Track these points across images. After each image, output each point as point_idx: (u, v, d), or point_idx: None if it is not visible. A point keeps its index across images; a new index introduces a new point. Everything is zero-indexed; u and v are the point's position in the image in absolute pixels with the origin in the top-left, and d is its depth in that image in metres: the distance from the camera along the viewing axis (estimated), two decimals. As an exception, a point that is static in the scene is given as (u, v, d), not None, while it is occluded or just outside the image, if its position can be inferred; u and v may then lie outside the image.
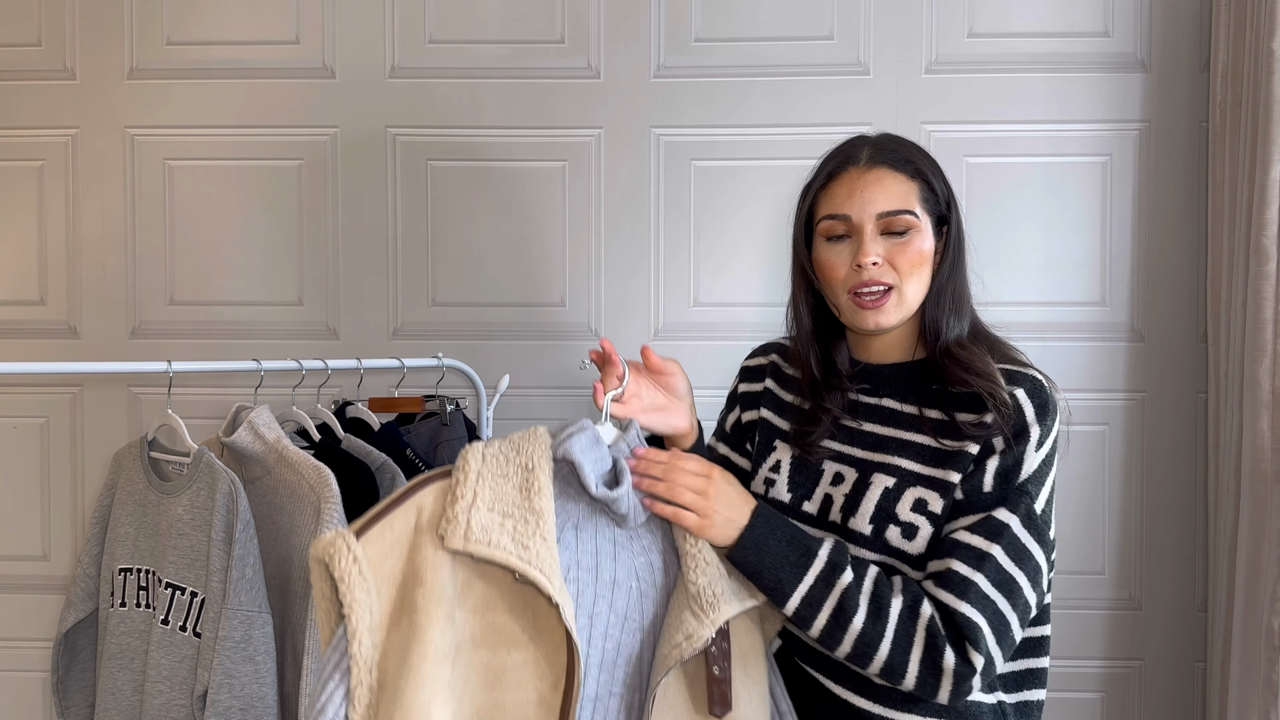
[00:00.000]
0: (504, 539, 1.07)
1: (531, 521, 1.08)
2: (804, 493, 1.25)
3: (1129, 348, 2.04)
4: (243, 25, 2.09)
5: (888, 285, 1.20)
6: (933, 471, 1.17)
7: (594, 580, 1.16)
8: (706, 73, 2.06)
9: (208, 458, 1.51)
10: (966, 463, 1.16)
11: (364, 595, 1.03)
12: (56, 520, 2.11)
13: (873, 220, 1.20)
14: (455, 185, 2.09)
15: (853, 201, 1.21)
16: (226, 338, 2.09)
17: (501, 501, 1.09)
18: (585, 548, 1.16)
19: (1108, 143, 2.03)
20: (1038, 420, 1.15)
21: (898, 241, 1.19)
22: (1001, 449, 1.15)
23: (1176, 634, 2.04)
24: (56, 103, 2.10)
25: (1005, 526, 1.12)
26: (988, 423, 1.15)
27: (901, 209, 1.19)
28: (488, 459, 1.12)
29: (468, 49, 2.08)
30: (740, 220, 2.06)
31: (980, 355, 1.20)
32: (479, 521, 1.07)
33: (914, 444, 1.20)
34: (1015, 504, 1.13)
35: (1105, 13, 2.03)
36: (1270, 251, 1.74)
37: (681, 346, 2.06)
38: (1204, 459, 2.02)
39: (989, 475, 1.15)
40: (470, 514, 1.07)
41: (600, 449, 1.16)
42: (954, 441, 1.17)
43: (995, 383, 1.17)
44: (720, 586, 1.17)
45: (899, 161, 1.22)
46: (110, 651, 1.58)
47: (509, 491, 1.10)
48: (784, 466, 1.27)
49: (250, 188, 2.10)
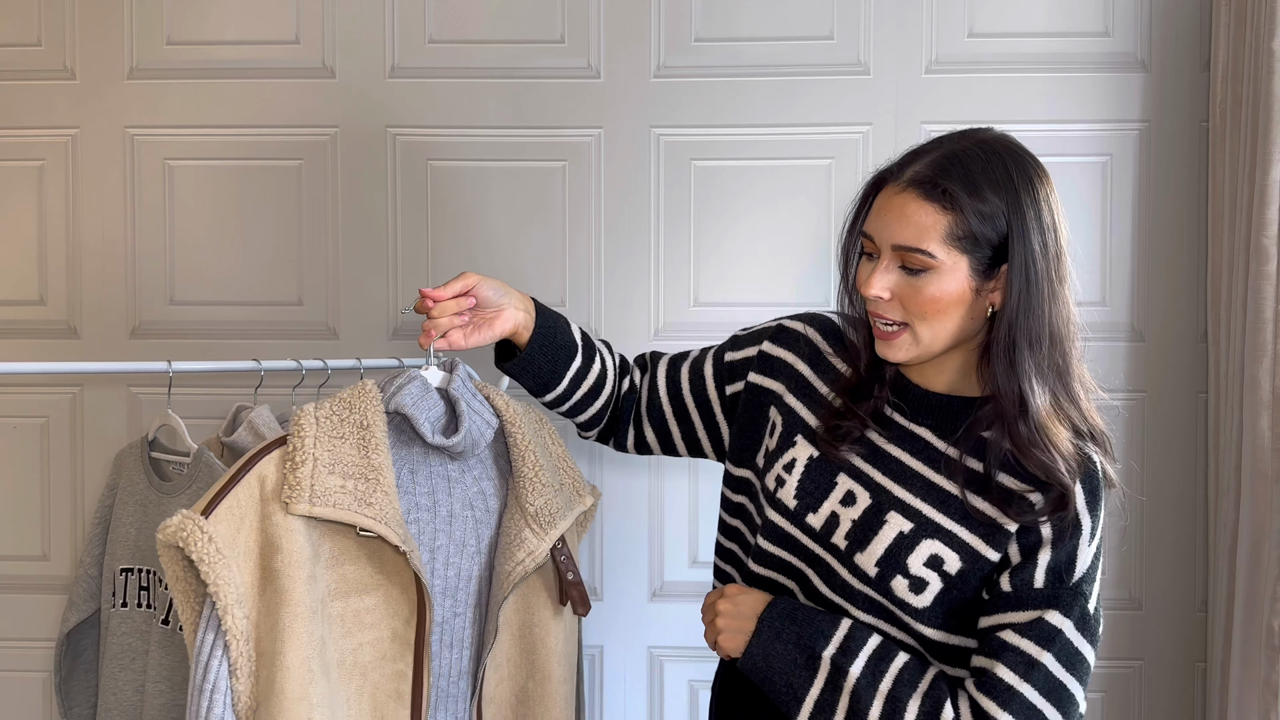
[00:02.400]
0: (347, 499, 1.12)
1: (372, 479, 1.14)
2: (811, 503, 1.17)
3: (1129, 348, 2.04)
4: (243, 25, 2.09)
5: (899, 321, 1.10)
6: (956, 528, 1.09)
7: (433, 517, 1.25)
8: (706, 73, 2.06)
9: (207, 457, 1.51)
10: (1002, 541, 1.07)
11: (225, 571, 1.07)
12: (56, 520, 2.11)
13: (889, 250, 1.09)
14: (455, 185, 2.09)
15: (878, 224, 1.10)
16: (226, 338, 2.09)
17: (341, 463, 1.14)
18: (422, 488, 1.25)
19: (1108, 143, 2.03)
20: (1089, 511, 1.07)
21: (911, 282, 1.08)
22: (1052, 539, 1.06)
23: (1176, 634, 2.04)
24: (56, 103, 2.10)
25: (1059, 632, 1.04)
26: (1033, 502, 1.06)
27: (914, 247, 1.06)
28: (321, 421, 1.17)
29: (468, 49, 2.08)
30: (740, 220, 2.06)
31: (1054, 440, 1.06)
32: (321, 485, 1.12)
33: (941, 490, 1.11)
34: (1070, 607, 1.05)
35: (1105, 13, 2.03)
36: (1270, 251, 1.74)
37: (681, 346, 2.06)
38: (1204, 459, 2.02)
39: (1040, 571, 1.06)
40: (312, 478, 1.12)
41: (430, 395, 1.24)
42: (984, 503, 1.08)
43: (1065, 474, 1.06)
44: (555, 503, 1.28)
45: (931, 190, 1.06)
46: (112, 652, 1.59)
47: (347, 451, 1.16)
48: (798, 468, 1.18)
49: (250, 188, 2.10)
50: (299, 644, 1.08)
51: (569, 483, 1.35)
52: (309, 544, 1.12)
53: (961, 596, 1.10)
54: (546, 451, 1.33)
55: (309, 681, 1.08)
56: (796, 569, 1.20)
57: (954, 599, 1.10)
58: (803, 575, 1.19)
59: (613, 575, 2.09)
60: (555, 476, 1.32)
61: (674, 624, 2.06)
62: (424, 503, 1.24)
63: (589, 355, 1.33)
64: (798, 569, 1.19)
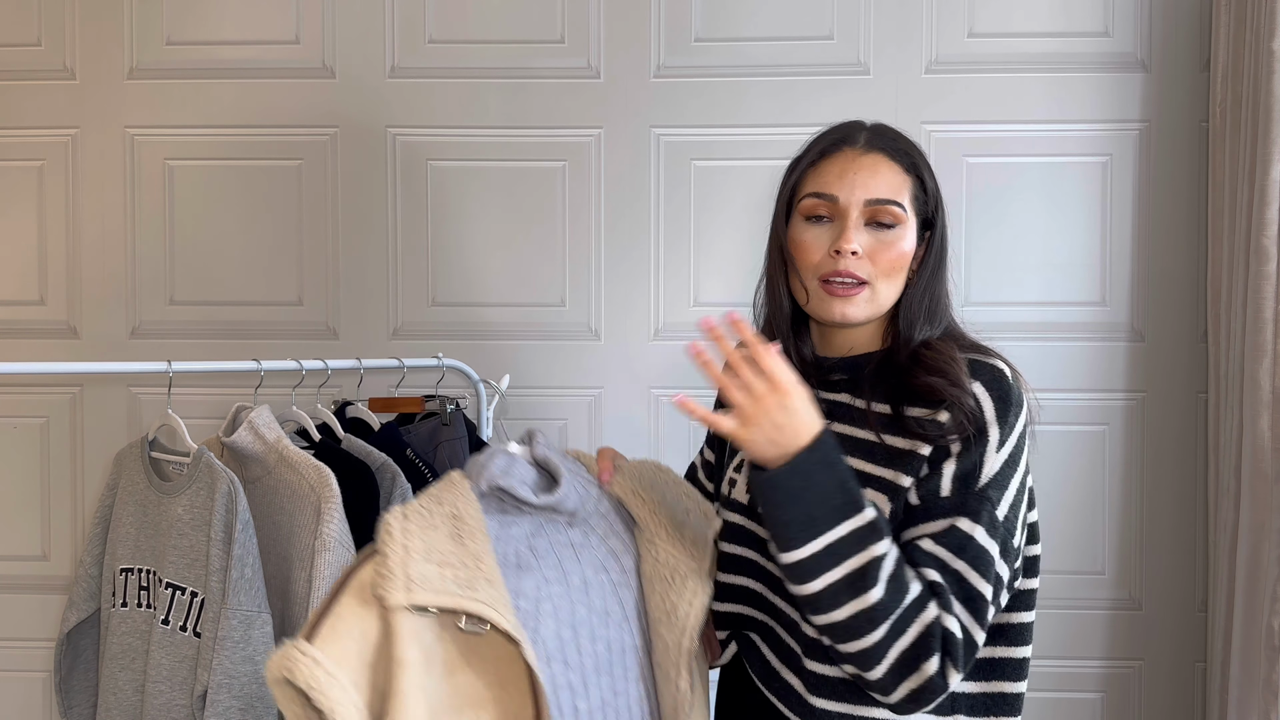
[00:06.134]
0: (447, 584, 1.02)
1: (470, 565, 1.05)
2: None
3: (1129, 348, 2.04)
4: (243, 25, 2.09)
5: (862, 279, 1.12)
6: (881, 472, 1.10)
7: (566, 589, 1.13)
8: (706, 73, 2.06)
9: (207, 457, 1.51)
10: (919, 465, 1.07)
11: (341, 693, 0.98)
12: (56, 520, 2.11)
13: (859, 206, 1.12)
14: (455, 185, 2.09)
15: (843, 183, 1.13)
16: (226, 338, 2.09)
17: (436, 551, 1.05)
18: (547, 561, 1.13)
19: (1108, 143, 2.03)
20: (997, 419, 1.07)
21: (881, 237, 1.12)
22: (958, 451, 1.06)
23: (1176, 634, 2.04)
24: (56, 103, 2.10)
25: (969, 539, 1.04)
26: (941, 421, 1.07)
27: (891, 199, 1.12)
28: (410, 515, 1.08)
29: (468, 49, 2.08)
30: (740, 220, 2.06)
31: (945, 354, 1.11)
32: (417, 571, 1.02)
33: (865, 442, 1.12)
34: (977, 513, 1.05)
35: (1105, 13, 2.03)
36: (1270, 251, 1.74)
37: (681, 346, 2.07)
38: (1204, 459, 2.02)
39: (946, 479, 1.07)
40: (406, 566, 1.02)
41: (517, 464, 1.14)
42: (901, 439, 1.09)
43: (958, 385, 1.08)
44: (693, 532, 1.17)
45: (897, 152, 1.15)
46: (112, 651, 1.58)
47: (440, 541, 1.06)
48: (746, 466, 1.18)
49: (250, 188, 2.10)
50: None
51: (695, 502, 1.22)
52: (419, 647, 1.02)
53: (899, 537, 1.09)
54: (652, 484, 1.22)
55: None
56: (757, 565, 1.19)
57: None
58: (763, 571, 1.19)
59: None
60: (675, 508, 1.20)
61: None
62: (552, 575, 1.12)
63: None
64: (759, 565, 1.19)
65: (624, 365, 2.08)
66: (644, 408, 2.06)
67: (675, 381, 2.07)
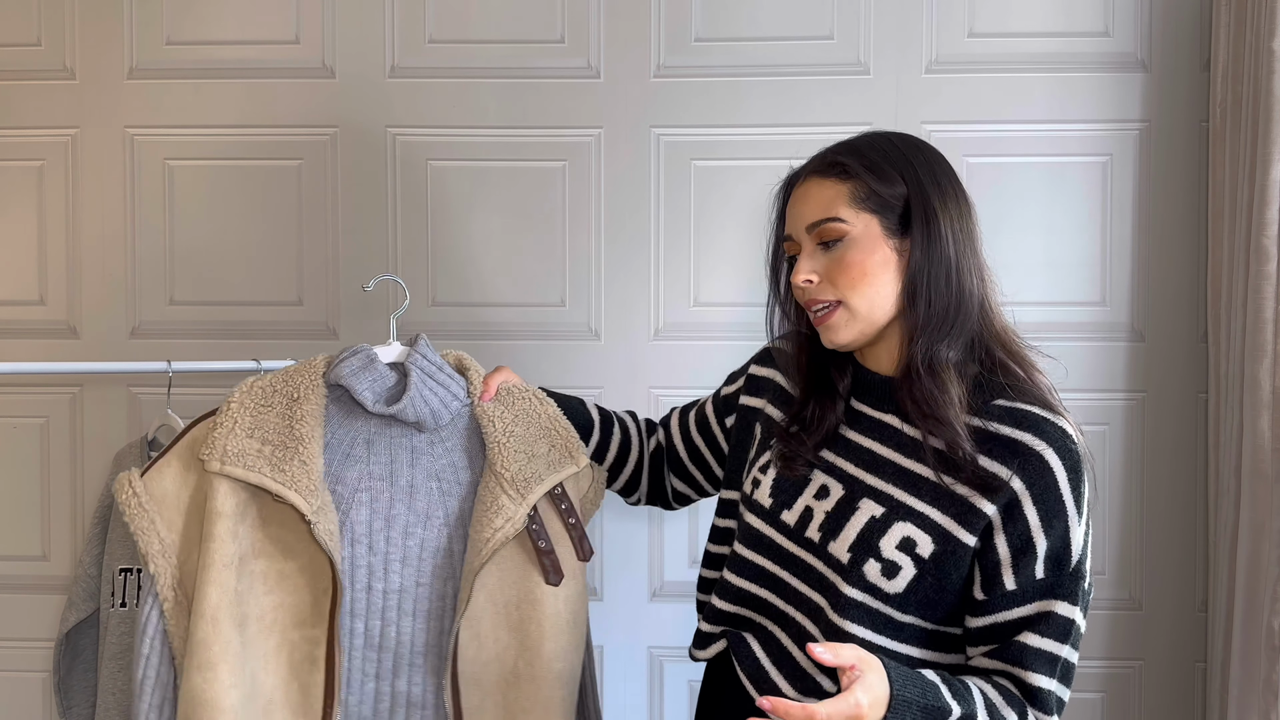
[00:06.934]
0: (259, 462, 1.20)
1: (291, 447, 1.21)
2: (786, 500, 1.18)
3: (1129, 348, 2.04)
4: (242, 25, 2.09)
5: (831, 301, 1.12)
6: (927, 510, 1.09)
7: (389, 485, 1.29)
8: (706, 73, 2.06)
9: (207, 457, 1.51)
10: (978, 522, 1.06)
11: (145, 521, 1.20)
12: (56, 520, 2.11)
13: (805, 236, 1.14)
14: (455, 185, 2.09)
15: (790, 219, 1.18)
16: (226, 337, 2.09)
17: (262, 429, 1.23)
18: (380, 459, 1.29)
19: (1108, 143, 2.03)
20: (1073, 492, 1.06)
21: (831, 256, 1.12)
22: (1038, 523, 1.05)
23: (1176, 634, 2.04)
24: (56, 103, 2.10)
25: (1071, 623, 1.06)
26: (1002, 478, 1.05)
27: (824, 217, 1.11)
28: (253, 390, 1.26)
29: (468, 49, 2.08)
30: (741, 220, 2.06)
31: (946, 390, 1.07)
32: (235, 447, 1.20)
33: (912, 474, 1.11)
34: (1074, 594, 1.06)
35: (1105, 13, 2.03)
36: (1270, 251, 1.74)
37: (682, 346, 2.07)
38: (1204, 459, 2.02)
39: (1040, 564, 1.06)
40: (227, 440, 1.21)
41: (375, 368, 1.29)
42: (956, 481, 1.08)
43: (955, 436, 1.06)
44: (532, 468, 1.29)
45: (827, 166, 1.14)
46: (111, 651, 1.59)
47: (271, 420, 1.24)
48: (773, 468, 1.21)
49: (250, 188, 2.10)
50: (210, 592, 1.17)
51: (559, 444, 1.34)
52: (235, 502, 1.21)
53: (937, 584, 1.09)
54: (525, 417, 1.34)
55: (215, 628, 1.17)
56: (772, 575, 1.19)
57: (929, 586, 1.09)
58: (779, 581, 1.18)
59: (613, 575, 2.09)
60: (535, 443, 1.32)
61: (674, 624, 2.06)
62: (379, 472, 1.29)
63: (607, 429, 1.42)
64: (774, 575, 1.19)
65: (624, 365, 2.08)
66: (644, 408, 2.06)
67: (675, 381, 2.07)
